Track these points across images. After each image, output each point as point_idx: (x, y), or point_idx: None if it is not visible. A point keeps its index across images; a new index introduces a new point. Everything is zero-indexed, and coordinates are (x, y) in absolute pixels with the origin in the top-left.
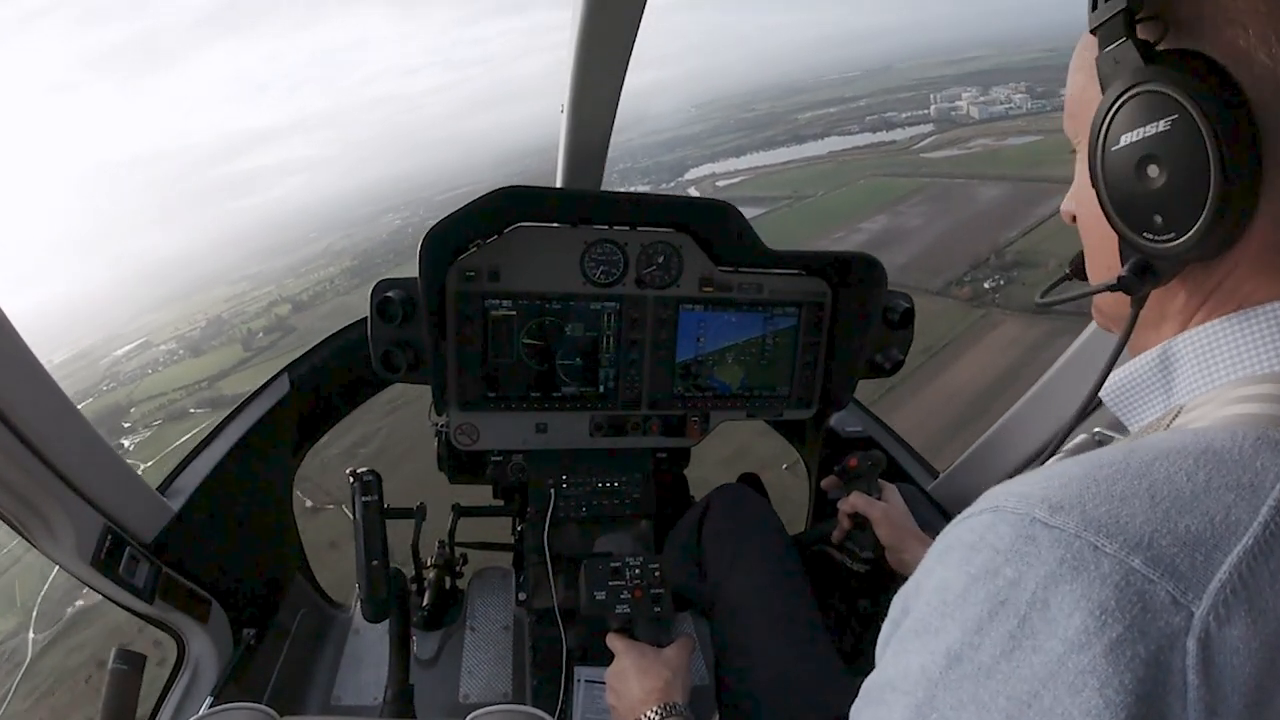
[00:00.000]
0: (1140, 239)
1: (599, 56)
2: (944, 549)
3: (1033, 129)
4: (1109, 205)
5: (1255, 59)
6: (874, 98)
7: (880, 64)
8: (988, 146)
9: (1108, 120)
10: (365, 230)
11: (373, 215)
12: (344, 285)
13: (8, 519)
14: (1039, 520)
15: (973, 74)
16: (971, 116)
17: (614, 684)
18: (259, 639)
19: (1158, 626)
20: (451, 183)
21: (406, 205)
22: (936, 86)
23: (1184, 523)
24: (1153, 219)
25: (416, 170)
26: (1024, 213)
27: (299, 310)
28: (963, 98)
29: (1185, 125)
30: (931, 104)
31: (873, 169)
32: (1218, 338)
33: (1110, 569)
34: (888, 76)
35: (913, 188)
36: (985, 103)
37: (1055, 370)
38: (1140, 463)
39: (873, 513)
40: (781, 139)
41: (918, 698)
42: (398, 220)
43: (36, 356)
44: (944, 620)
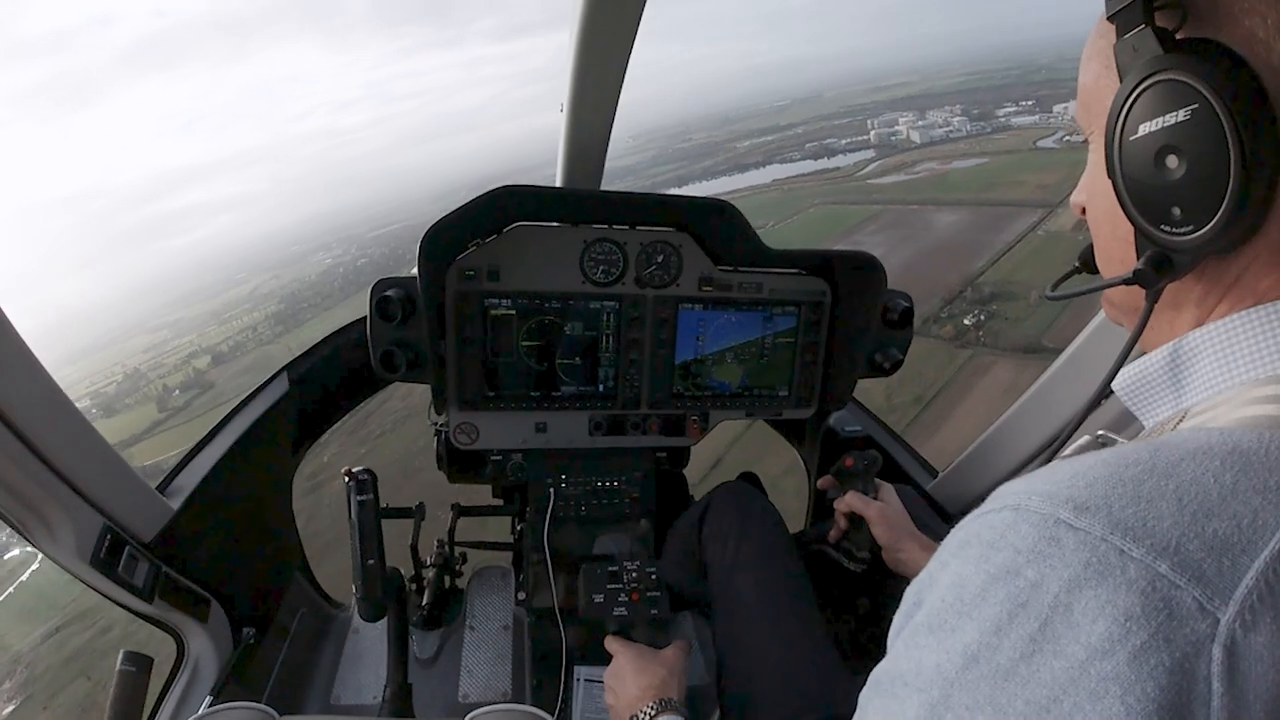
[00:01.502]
0: (1158, 231)
1: (599, 56)
2: (960, 543)
3: (976, 151)
4: (1125, 197)
5: (1274, 48)
6: (810, 125)
7: (810, 92)
8: (934, 171)
9: (1126, 109)
10: (294, 270)
11: (303, 254)
12: (267, 333)
13: (8, 519)
14: (1064, 521)
15: (900, 100)
16: (912, 141)
17: (611, 683)
18: (258, 638)
19: (1183, 634)
20: (386, 218)
21: (339, 243)
22: (870, 113)
23: (1211, 526)
24: (1171, 211)
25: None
26: (988, 240)
27: (219, 363)
28: (900, 122)
29: (1206, 115)
30: (870, 129)
31: (821, 197)
32: (1236, 333)
33: (1137, 574)
34: (819, 104)
35: (865, 215)
36: (924, 127)
37: (1053, 371)
38: (1167, 462)
39: (869, 512)
40: (722, 168)
41: (932, 696)
42: (328, 259)
43: (36, 356)
44: (961, 619)
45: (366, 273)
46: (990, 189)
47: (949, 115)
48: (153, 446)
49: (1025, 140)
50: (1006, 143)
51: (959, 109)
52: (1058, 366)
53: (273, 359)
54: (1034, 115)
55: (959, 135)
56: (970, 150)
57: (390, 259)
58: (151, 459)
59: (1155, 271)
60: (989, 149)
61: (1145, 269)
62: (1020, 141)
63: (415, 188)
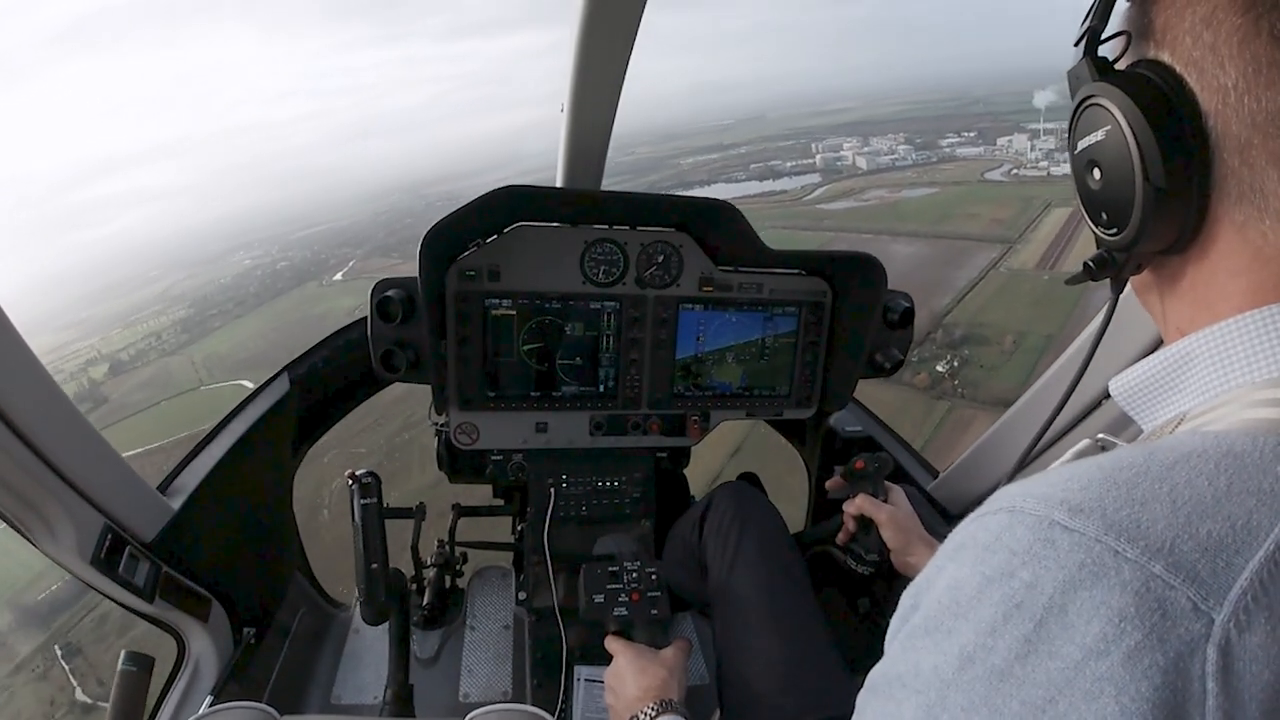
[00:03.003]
0: (1098, 231)
1: (599, 56)
2: (957, 546)
3: (925, 180)
4: (1079, 201)
5: (1205, 68)
6: (754, 145)
7: (753, 113)
8: (884, 199)
9: (1072, 127)
10: (210, 270)
11: (222, 253)
12: (171, 342)
13: (8, 518)
14: (1058, 523)
15: (843, 125)
16: (859, 167)
17: (611, 684)
18: (259, 638)
19: (1177, 634)
20: (312, 218)
21: (260, 243)
22: (813, 136)
23: (1205, 527)
24: (1101, 215)
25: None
26: (949, 276)
27: (117, 373)
28: (845, 147)
29: (1115, 134)
30: (816, 153)
31: (770, 220)
32: (1232, 337)
33: (1131, 575)
34: (763, 125)
35: (818, 242)
36: (870, 153)
37: (1052, 372)
38: (1161, 466)
39: (879, 515)
40: (667, 184)
41: (929, 698)
42: (248, 260)
43: (37, 356)
44: (957, 620)
45: (285, 277)
46: (945, 220)
47: (893, 143)
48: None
49: (972, 172)
50: (953, 173)
51: (902, 137)
52: (1058, 367)
53: (173, 375)
54: (978, 147)
55: (905, 164)
56: (918, 179)
57: (312, 263)
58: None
59: (1098, 267)
60: (937, 179)
61: (1090, 263)
62: (967, 173)
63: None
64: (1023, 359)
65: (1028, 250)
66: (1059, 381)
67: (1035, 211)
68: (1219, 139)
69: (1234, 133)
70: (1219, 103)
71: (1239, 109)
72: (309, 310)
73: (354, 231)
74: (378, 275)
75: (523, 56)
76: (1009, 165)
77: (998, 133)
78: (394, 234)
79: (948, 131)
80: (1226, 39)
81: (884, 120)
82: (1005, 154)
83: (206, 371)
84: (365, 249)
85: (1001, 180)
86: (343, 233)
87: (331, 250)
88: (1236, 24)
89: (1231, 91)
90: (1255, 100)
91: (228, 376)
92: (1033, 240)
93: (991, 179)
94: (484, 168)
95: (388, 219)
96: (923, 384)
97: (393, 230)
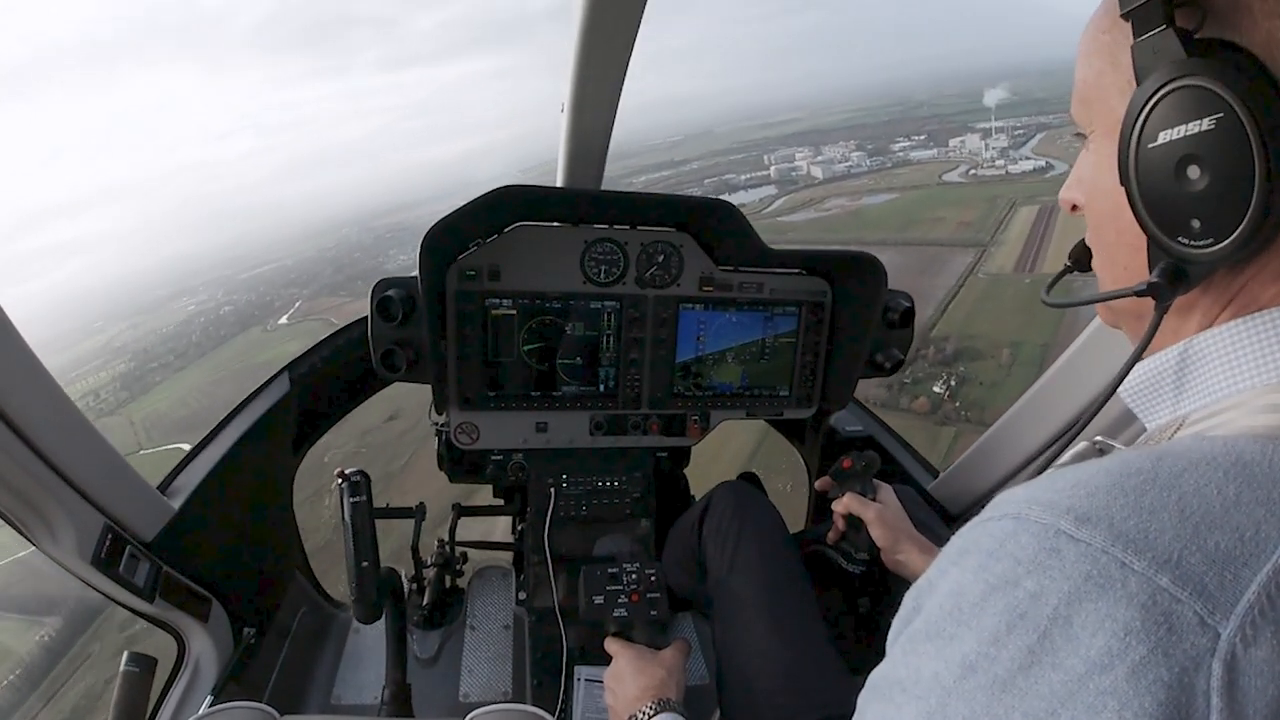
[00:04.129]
0: (1174, 243)
1: (599, 56)
2: (960, 551)
3: (883, 186)
4: (1140, 205)
5: (1277, 56)
6: (705, 160)
7: (701, 128)
8: (845, 207)
9: (1144, 114)
10: (154, 319)
11: (166, 299)
12: (110, 400)
13: (8, 518)
14: (1064, 532)
15: (792, 136)
16: (814, 177)
17: (611, 684)
18: (259, 638)
19: (1183, 648)
20: (259, 258)
21: (205, 286)
22: (764, 148)
23: (1213, 539)
24: (1190, 223)
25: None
26: (927, 285)
27: None
28: (799, 157)
29: (1231, 125)
30: (770, 165)
31: None
32: (1240, 339)
33: (1138, 587)
34: (712, 140)
35: None
36: (824, 162)
37: (1052, 373)
38: (1169, 473)
39: (866, 514)
40: None
41: (929, 704)
42: (191, 305)
43: (37, 356)
44: (959, 627)
45: (228, 322)
46: (911, 226)
47: (846, 150)
48: None
49: (930, 175)
50: (911, 177)
51: (854, 144)
52: (1056, 369)
53: (112, 437)
54: (930, 150)
55: (860, 170)
56: (877, 185)
57: (257, 306)
58: None
59: (1170, 284)
60: (895, 184)
61: (1160, 281)
62: (925, 176)
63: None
64: (1023, 372)
65: (1002, 252)
66: (1059, 383)
67: (1001, 212)
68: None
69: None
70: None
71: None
72: (253, 358)
73: (301, 269)
74: (325, 316)
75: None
76: (965, 166)
77: (947, 134)
78: (342, 270)
79: (897, 136)
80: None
81: (832, 128)
82: (960, 154)
83: (145, 433)
84: (312, 288)
85: (961, 181)
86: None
87: (278, 291)
88: None
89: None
90: None
91: (166, 438)
92: (1005, 241)
93: (950, 180)
94: (434, 196)
95: (335, 254)
96: (923, 409)
97: (340, 267)
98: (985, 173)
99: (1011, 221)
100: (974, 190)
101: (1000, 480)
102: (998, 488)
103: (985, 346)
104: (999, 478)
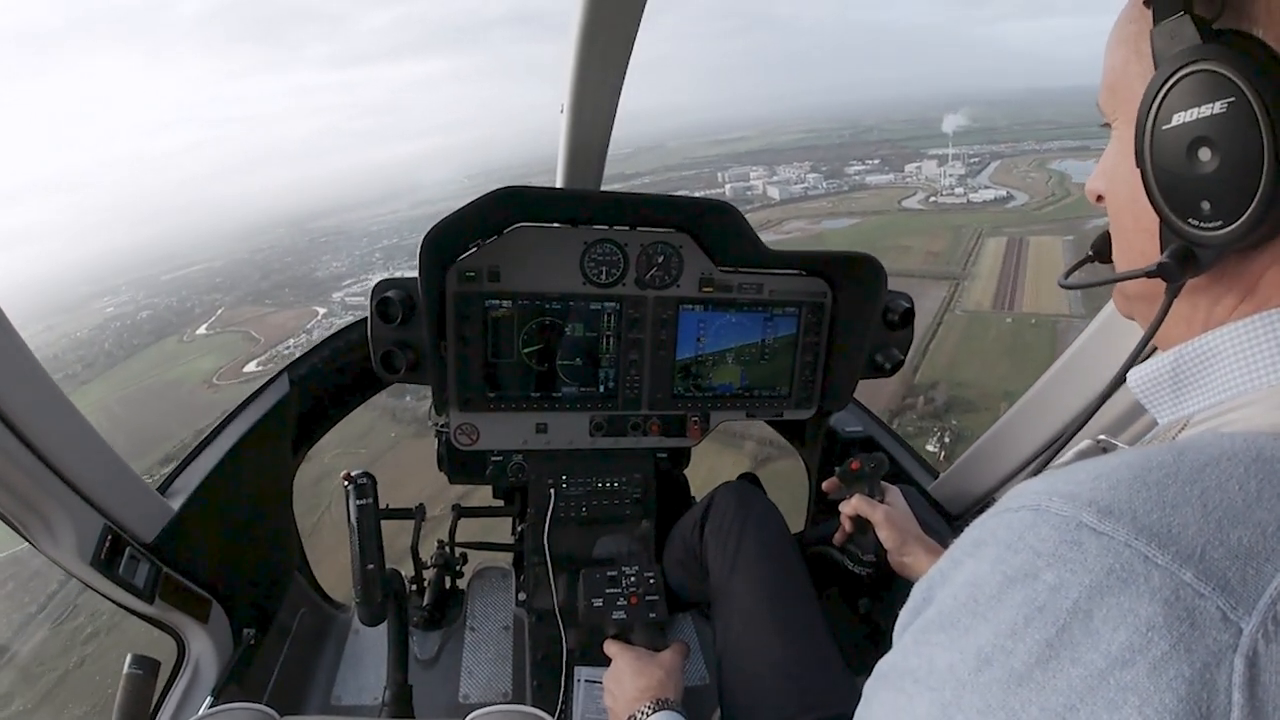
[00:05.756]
0: (1185, 225)
1: (599, 57)
2: (975, 542)
3: (843, 210)
4: (1154, 187)
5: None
6: (658, 174)
7: (652, 142)
8: (805, 230)
9: (1159, 98)
10: (72, 320)
11: (88, 298)
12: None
13: (8, 519)
14: (1086, 525)
15: (744, 154)
16: (771, 197)
17: (610, 686)
18: (259, 639)
19: (1205, 644)
20: (187, 257)
21: (128, 286)
22: (716, 165)
23: (1236, 534)
24: (1200, 205)
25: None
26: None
27: None
28: (753, 176)
29: (1243, 109)
30: (724, 183)
31: None
32: (1258, 334)
33: (1161, 582)
34: (664, 154)
35: None
36: (781, 183)
37: (1054, 372)
38: (1191, 467)
39: (875, 516)
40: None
41: (944, 696)
42: (110, 307)
43: (36, 357)
44: (975, 619)
45: (144, 329)
46: (878, 255)
47: (801, 171)
48: None
49: (888, 200)
50: (870, 202)
51: (808, 165)
52: (1058, 368)
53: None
54: (886, 174)
55: (817, 193)
56: (836, 209)
57: (176, 312)
58: None
59: (1179, 265)
60: (855, 209)
61: (1170, 262)
62: (884, 201)
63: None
64: None
65: (978, 286)
66: (1059, 382)
67: (969, 242)
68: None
69: None
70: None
71: None
72: (163, 374)
73: (229, 272)
74: (246, 328)
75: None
76: (924, 192)
77: (901, 159)
78: (269, 276)
79: (851, 159)
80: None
81: (784, 148)
82: (917, 180)
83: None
84: (235, 295)
85: (921, 208)
86: (217, 274)
87: (200, 296)
88: None
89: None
90: None
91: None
92: (978, 275)
93: (910, 207)
94: (376, 199)
95: (266, 258)
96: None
97: (268, 272)
98: (946, 200)
99: (981, 253)
100: (936, 218)
101: (1000, 480)
102: (998, 488)
103: (978, 397)
104: (999, 478)
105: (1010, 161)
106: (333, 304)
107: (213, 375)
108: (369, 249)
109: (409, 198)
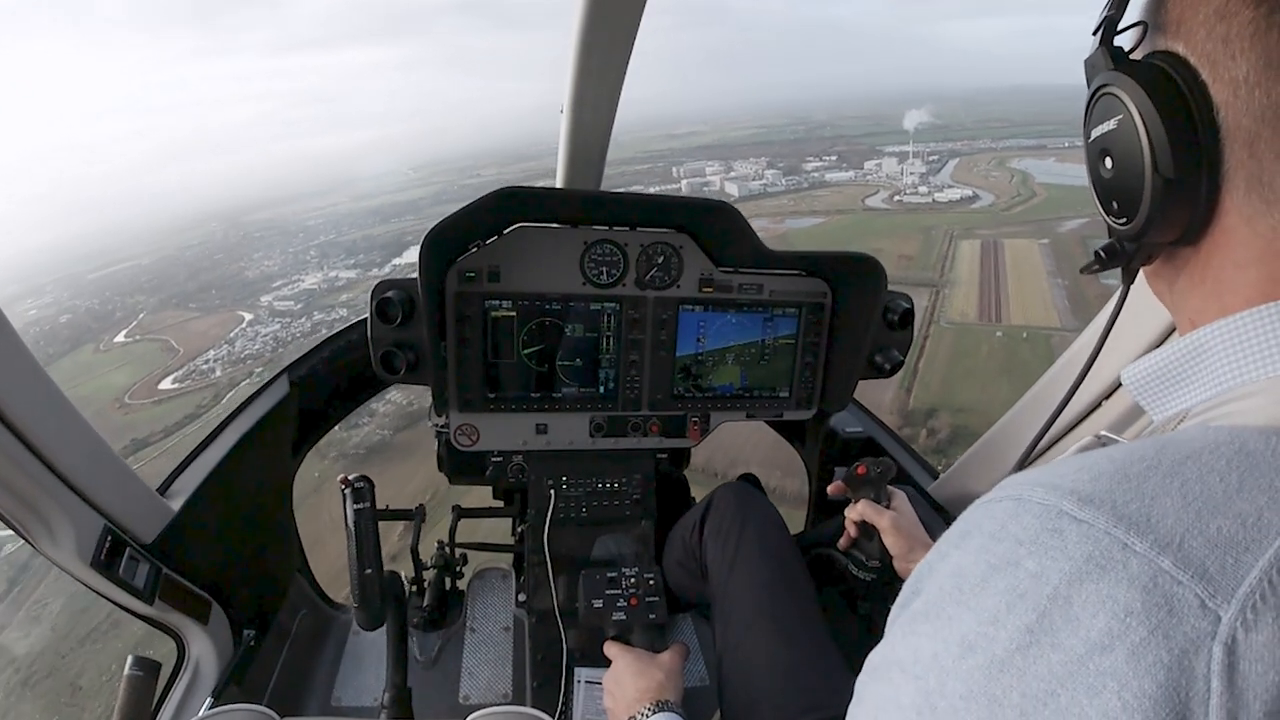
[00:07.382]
0: (1108, 221)
1: (599, 57)
2: (961, 533)
3: (806, 209)
4: (1092, 189)
5: (1217, 60)
6: (610, 168)
7: None
8: (769, 230)
9: (1087, 115)
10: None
11: (12, 299)
12: None
13: (8, 520)
14: (1067, 513)
15: (698, 148)
16: (729, 194)
17: (610, 687)
18: (259, 640)
19: (1183, 631)
20: (117, 253)
21: (54, 285)
22: (670, 160)
23: (1215, 524)
24: (1112, 204)
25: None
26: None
27: None
28: (709, 172)
29: (1127, 124)
30: (680, 178)
31: None
32: (1247, 330)
33: (1139, 569)
34: (616, 147)
35: None
36: (739, 179)
37: (1053, 372)
38: (1172, 459)
39: (882, 522)
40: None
41: (927, 684)
42: (33, 310)
43: (35, 357)
44: (958, 608)
45: (62, 335)
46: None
47: (759, 168)
48: None
49: (851, 199)
50: (833, 200)
51: (765, 161)
52: (1058, 367)
53: None
54: (845, 172)
55: (777, 190)
56: (799, 208)
57: (97, 316)
58: None
59: (1108, 256)
60: (818, 207)
61: (1100, 252)
62: (847, 200)
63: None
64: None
65: (959, 294)
66: (1061, 379)
67: (942, 245)
68: (1229, 131)
69: (1244, 126)
70: (1230, 95)
71: (1249, 102)
72: (74, 389)
73: (156, 271)
74: (165, 336)
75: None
76: (887, 191)
77: (858, 156)
78: (196, 276)
79: (807, 155)
80: (1239, 32)
81: (738, 144)
82: (878, 178)
83: None
84: (159, 297)
85: (886, 208)
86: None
87: (122, 298)
88: (1249, 17)
89: (1242, 85)
90: (1265, 94)
91: None
92: (958, 281)
93: (875, 206)
94: (314, 191)
95: (196, 254)
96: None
97: (196, 271)
98: (910, 199)
99: (956, 256)
100: (904, 219)
101: (1000, 481)
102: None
103: (982, 426)
104: (999, 478)
105: (969, 160)
106: (260, 309)
107: (125, 393)
108: (304, 246)
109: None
